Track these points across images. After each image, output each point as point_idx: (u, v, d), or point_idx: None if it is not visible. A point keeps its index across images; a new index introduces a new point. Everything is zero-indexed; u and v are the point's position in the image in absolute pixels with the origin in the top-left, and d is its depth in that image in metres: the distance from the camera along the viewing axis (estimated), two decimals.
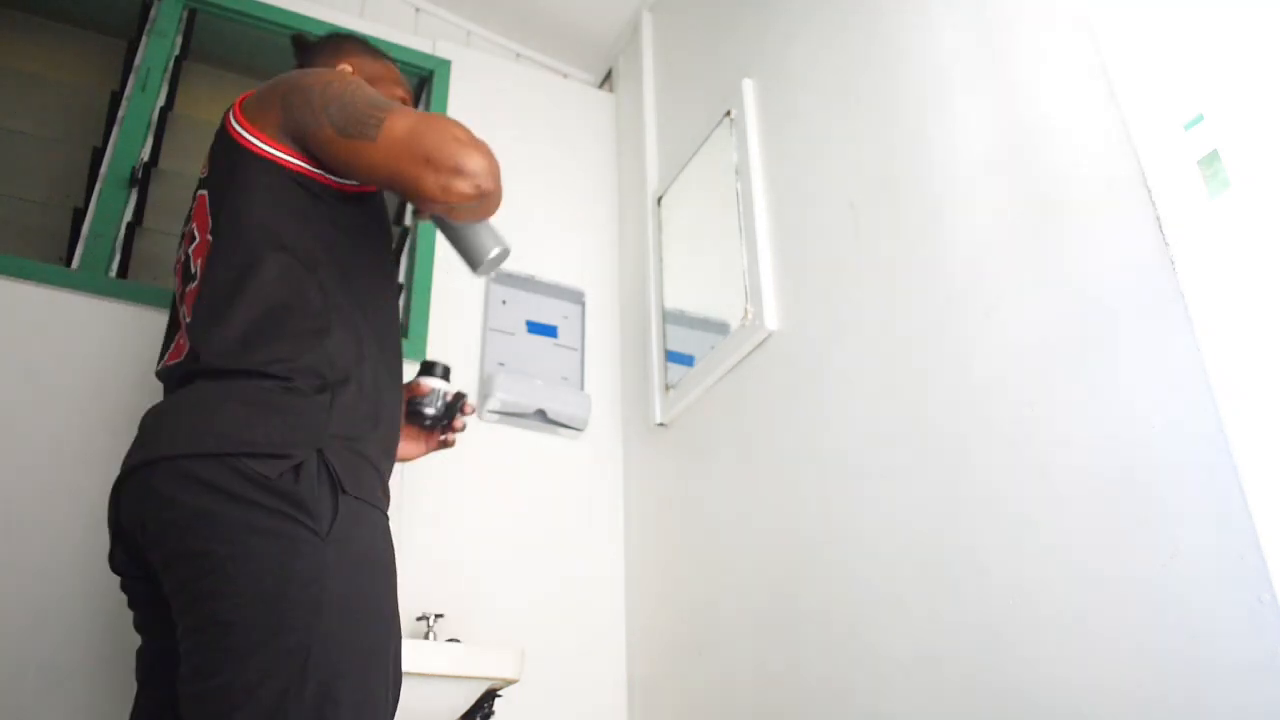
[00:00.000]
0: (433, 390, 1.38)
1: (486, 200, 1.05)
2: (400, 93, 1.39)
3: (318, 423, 1.01)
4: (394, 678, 0.98)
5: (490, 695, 1.59)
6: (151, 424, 1.05)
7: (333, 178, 1.15)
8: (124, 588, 1.11)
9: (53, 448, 1.69)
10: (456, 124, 1.05)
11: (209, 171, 1.20)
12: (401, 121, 1.05)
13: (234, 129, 1.17)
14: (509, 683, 1.58)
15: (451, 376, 1.41)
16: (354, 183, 1.17)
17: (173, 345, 1.17)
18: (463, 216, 1.08)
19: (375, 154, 1.04)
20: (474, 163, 1.02)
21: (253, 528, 0.92)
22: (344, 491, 0.98)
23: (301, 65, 1.43)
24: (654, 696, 1.90)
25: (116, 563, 1.08)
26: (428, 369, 1.40)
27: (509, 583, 1.95)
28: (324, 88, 1.11)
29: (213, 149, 1.22)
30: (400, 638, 1.02)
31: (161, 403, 1.09)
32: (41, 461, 1.67)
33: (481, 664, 1.54)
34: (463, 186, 1.01)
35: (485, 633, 1.86)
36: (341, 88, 1.11)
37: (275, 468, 0.95)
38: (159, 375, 1.18)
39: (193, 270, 1.15)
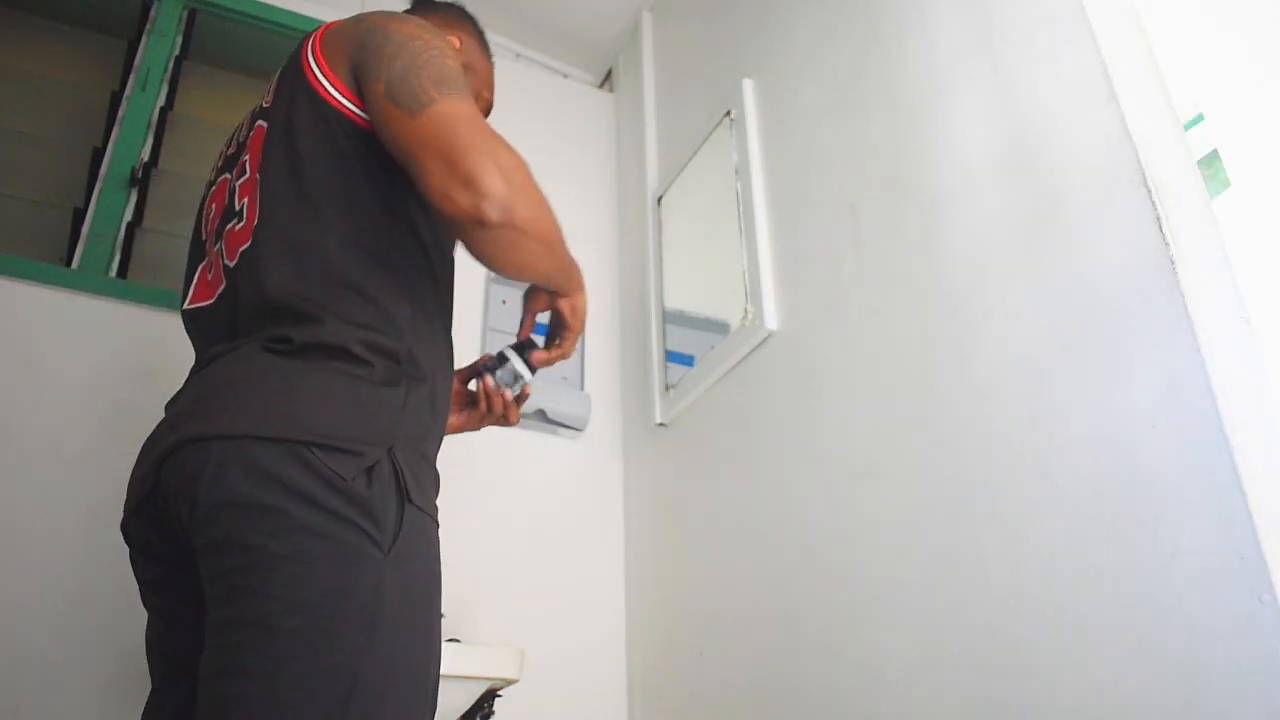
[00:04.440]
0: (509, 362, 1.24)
1: (492, 233, 0.91)
2: (487, 95, 1.30)
3: (391, 418, 0.93)
4: (433, 703, 0.92)
5: (490, 695, 1.59)
6: (208, 392, 0.94)
7: None
8: (141, 564, 1.01)
9: (53, 448, 1.69)
10: (507, 147, 0.94)
11: (272, 101, 1.09)
12: (451, 109, 0.94)
13: (307, 61, 1.05)
14: (509, 683, 1.58)
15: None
16: None
17: (198, 282, 1.09)
18: (478, 245, 0.94)
19: (405, 130, 0.94)
20: (492, 184, 0.89)
21: (315, 531, 0.84)
22: (409, 501, 0.90)
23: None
24: (654, 697, 1.90)
25: (139, 538, 0.98)
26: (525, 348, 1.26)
27: (509, 583, 1.95)
28: (405, 40, 1.00)
29: (281, 74, 1.10)
30: (441, 660, 0.95)
31: (219, 368, 0.96)
32: (41, 461, 1.67)
33: (481, 664, 1.54)
34: (462, 199, 0.89)
35: (485, 633, 1.86)
36: (421, 49, 0.99)
37: (350, 467, 0.87)
38: (189, 315, 1.09)
39: (237, 206, 1.05)
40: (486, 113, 1.31)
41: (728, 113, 2.00)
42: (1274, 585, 0.85)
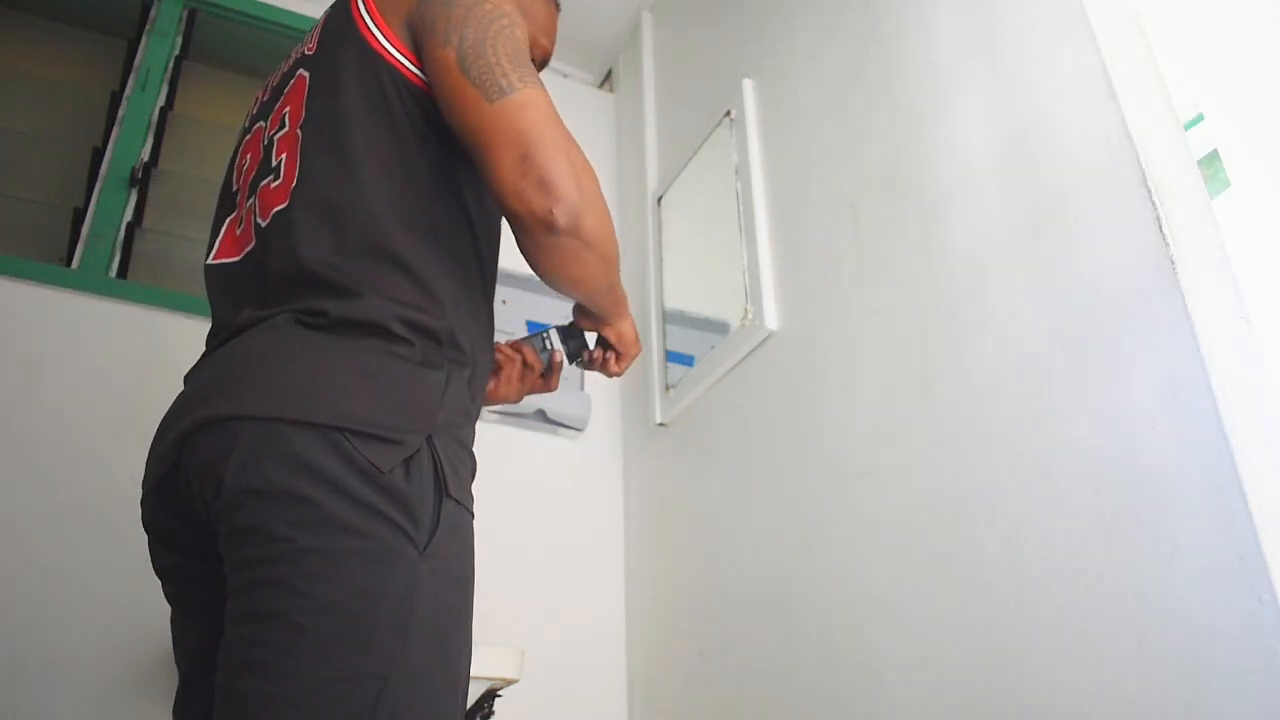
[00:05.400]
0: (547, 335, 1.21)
1: (557, 239, 0.88)
2: (545, 43, 1.21)
3: (432, 404, 0.88)
4: (464, 703, 0.88)
5: (490, 695, 1.59)
6: (236, 367, 0.88)
7: None
8: (157, 551, 0.96)
9: (53, 448, 1.69)
10: (580, 152, 0.91)
11: (316, 49, 1.02)
12: (532, 102, 0.89)
13: (357, 7, 0.99)
14: (509, 683, 1.58)
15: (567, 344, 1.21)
16: None
17: (224, 236, 1.03)
18: (538, 250, 0.91)
19: (482, 114, 0.88)
20: (566, 189, 0.87)
21: (347, 526, 0.79)
22: (448, 494, 0.85)
23: None
24: (654, 697, 1.90)
25: (154, 520, 0.93)
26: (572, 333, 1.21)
27: (509, 583, 1.95)
28: (476, 3, 0.94)
29: (327, 20, 1.04)
30: (471, 658, 0.90)
31: (248, 340, 0.90)
32: (41, 461, 1.67)
33: (481, 664, 1.53)
34: (535, 200, 0.86)
35: (485, 633, 1.86)
36: (492, 15, 0.93)
37: (388, 457, 0.81)
38: (212, 270, 1.03)
39: (274, 162, 0.99)
40: (543, 63, 1.23)
41: (728, 113, 2.00)
42: (1274, 585, 0.85)
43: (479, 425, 2.06)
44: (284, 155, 0.98)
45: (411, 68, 0.95)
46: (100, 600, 1.59)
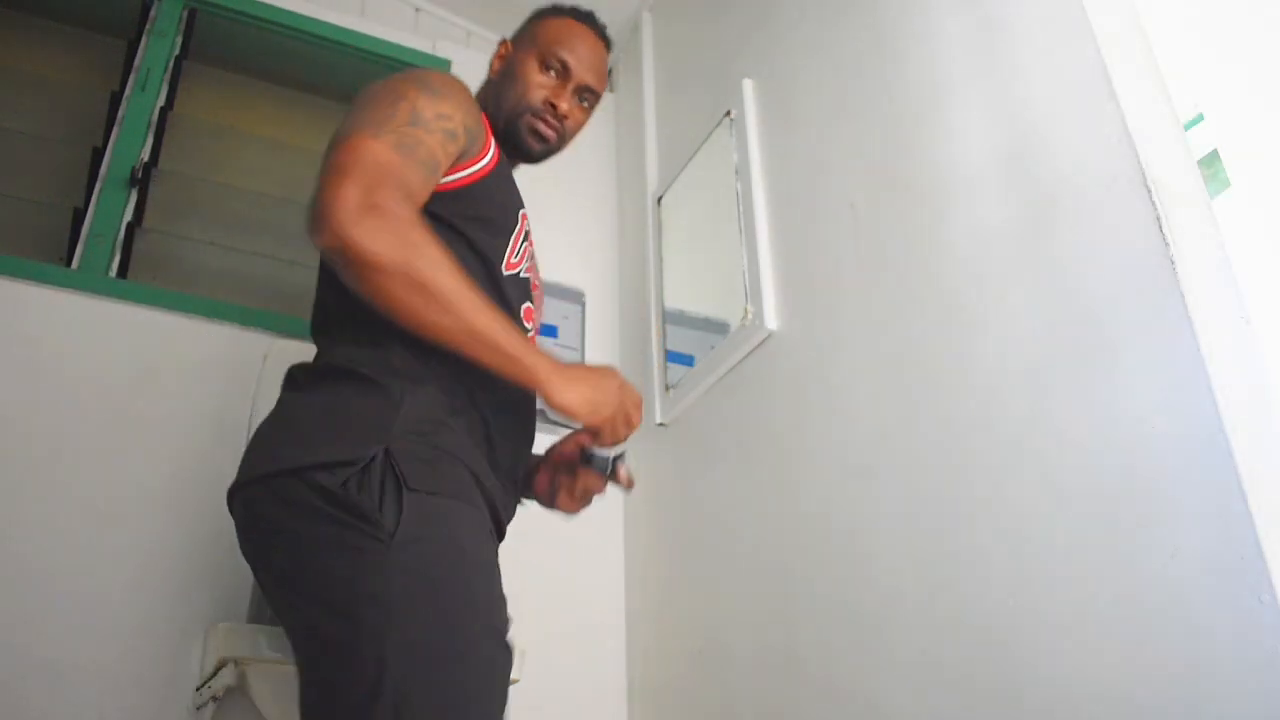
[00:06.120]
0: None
1: (340, 265, 0.93)
2: (566, 56, 1.36)
3: (382, 420, 0.99)
4: (487, 669, 0.98)
5: None
6: (253, 440, 1.08)
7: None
8: None
9: (53, 448, 1.69)
10: (389, 187, 0.93)
11: None
12: (349, 146, 0.95)
13: None
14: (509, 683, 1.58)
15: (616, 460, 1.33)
16: (448, 179, 1.10)
17: None
18: (345, 281, 0.97)
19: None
20: (333, 210, 0.89)
21: (318, 541, 0.94)
22: (409, 489, 0.94)
23: None
24: (654, 697, 1.90)
25: None
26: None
27: (508, 583, 1.94)
28: (372, 94, 1.06)
29: None
30: (505, 619, 1.06)
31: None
32: (42, 462, 1.67)
33: None
34: (310, 230, 0.92)
35: None
36: (381, 101, 1.03)
37: (339, 477, 0.94)
38: None
39: None
40: (577, 79, 1.41)
41: (728, 113, 2.00)
42: (1274, 585, 0.85)
43: None
44: None
45: None
46: (100, 601, 1.59)
